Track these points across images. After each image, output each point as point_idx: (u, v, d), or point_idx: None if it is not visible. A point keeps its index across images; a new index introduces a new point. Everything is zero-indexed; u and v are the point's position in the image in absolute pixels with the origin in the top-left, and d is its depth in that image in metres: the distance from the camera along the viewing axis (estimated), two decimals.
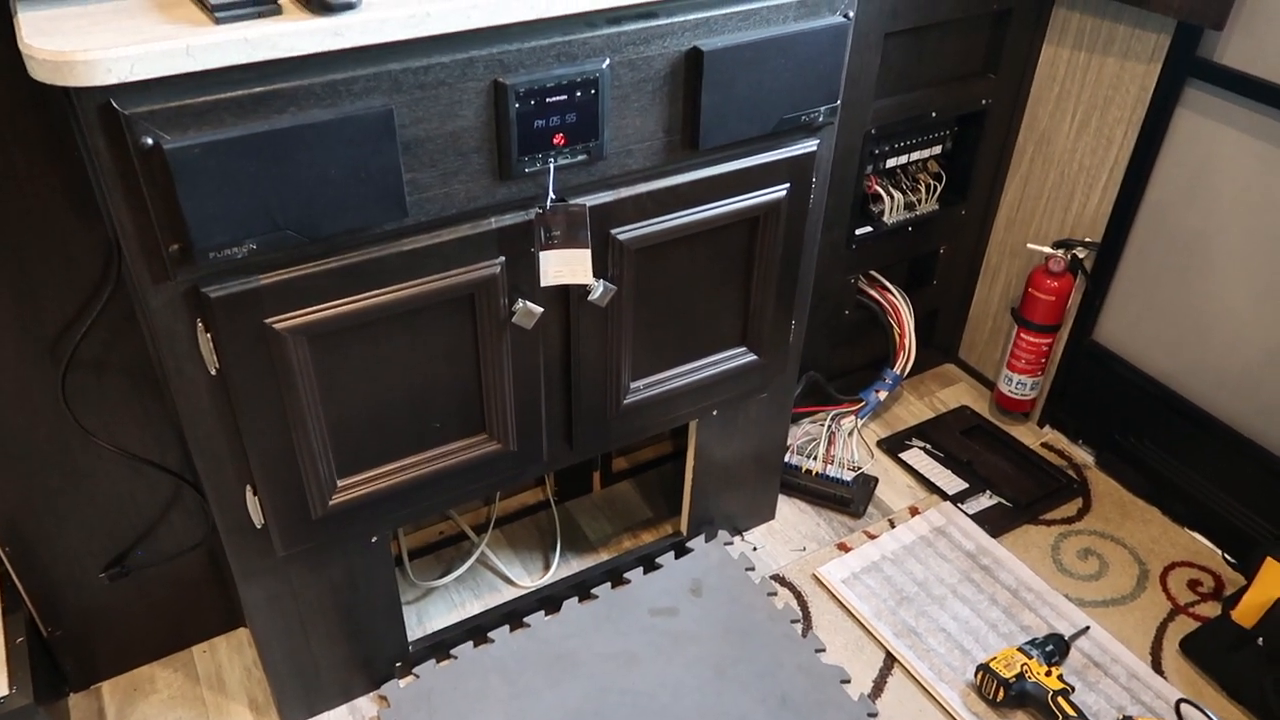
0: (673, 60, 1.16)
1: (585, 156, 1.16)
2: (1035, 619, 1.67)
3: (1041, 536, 1.83)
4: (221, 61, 0.90)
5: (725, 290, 1.42)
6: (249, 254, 1.01)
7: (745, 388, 1.55)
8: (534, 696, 1.51)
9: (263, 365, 1.09)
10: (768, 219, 1.37)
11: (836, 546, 1.80)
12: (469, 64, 1.04)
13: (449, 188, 1.10)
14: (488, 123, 1.09)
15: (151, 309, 1.02)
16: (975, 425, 2.09)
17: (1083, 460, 2.00)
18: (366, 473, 1.26)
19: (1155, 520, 1.87)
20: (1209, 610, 1.69)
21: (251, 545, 1.27)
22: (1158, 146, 1.71)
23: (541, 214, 1.18)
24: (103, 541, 1.42)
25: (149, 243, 0.98)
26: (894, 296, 2.00)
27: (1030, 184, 1.95)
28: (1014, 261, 2.04)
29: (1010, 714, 1.52)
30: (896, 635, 1.63)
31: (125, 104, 0.89)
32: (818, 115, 1.31)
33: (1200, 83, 1.62)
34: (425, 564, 1.76)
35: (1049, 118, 1.87)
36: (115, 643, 1.53)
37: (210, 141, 0.93)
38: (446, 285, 1.16)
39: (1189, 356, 1.78)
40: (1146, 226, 1.78)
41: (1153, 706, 1.53)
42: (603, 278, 1.27)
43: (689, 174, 1.27)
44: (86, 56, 0.85)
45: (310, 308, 1.09)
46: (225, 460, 1.17)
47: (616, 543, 1.81)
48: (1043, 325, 1.94)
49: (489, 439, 1.33)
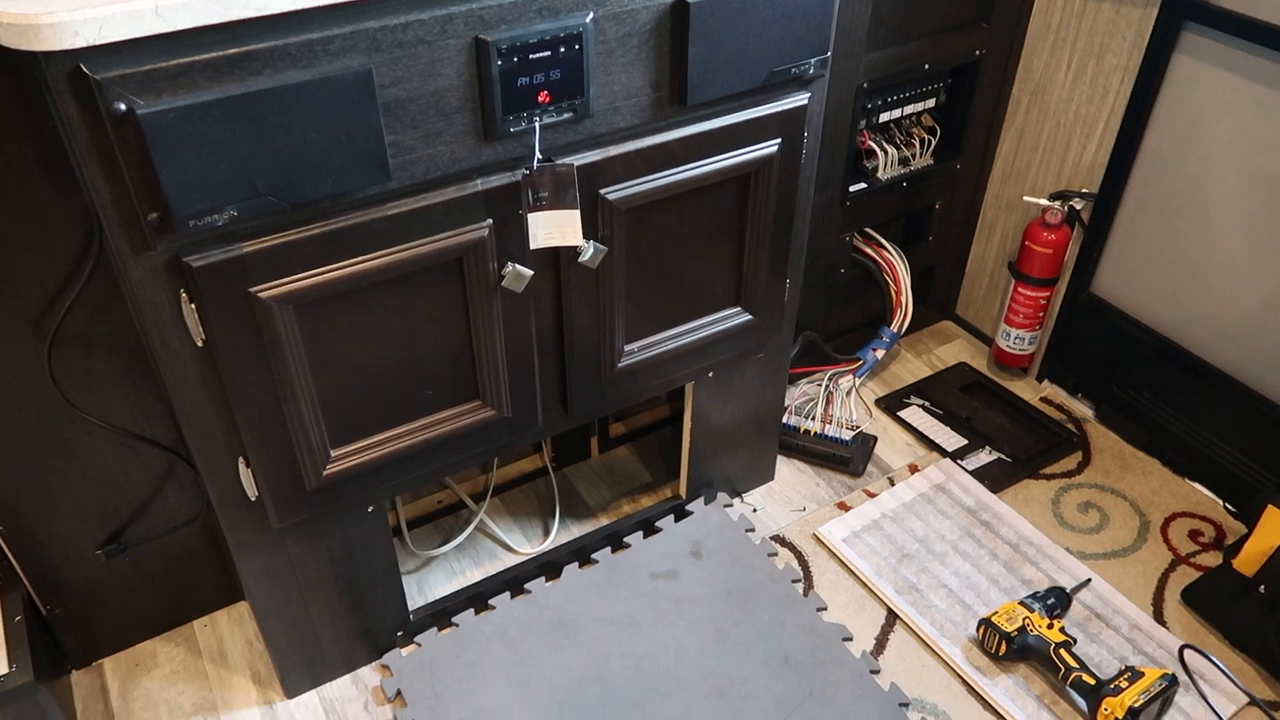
0: (658, 13, 1.14)
1: (571, 115, 1.14)
2: (1036, 573, 1.67)
3: (1041, 491, 1.83)
4: (192, 22, 0.88)
5: (718, 250, 1.41)
6: (230, 221, 0.99)
7: (741, 348, 1.54)
8: (536, 662, 1.51)
9: (250, 335, 1.08)
10: (759, 176, 1.35)
11: (836, 506, 1.80)
12: (448, 20, 1.01)
13: (432, 149, 1.08)
14: (470, 82, 1.06)
15: (133, 280, 1.01)
16: (974, 381, 2.08)
17: (1082, 414, 1.99)
18: (360, 442, 1.25)
19: (1155, 472, 1.86)
20: (1210, 560, 1.69)
21: (247, 518, 1.26)
22: (1155, 94, 1.68)
23: (528, 175, 1.16)
24: (98, 518, 1.41)
25: (127, 212, 0.96)
26: (889, 254, 1.98)
27: (1026, 136, 1.93)
28: (1010, 215, 2.02)
29: (1013, 667, 1.52)
30: (898, 592, 1.63)
31: (96, 69, 0.87)
32: (808, 68, 1.29)
33: (1198, 26, 1.59)
34: (424, 533, 1.75)
35: (1044, 67, 1.84)
36: (115, 619, 1.53)
37: (185, 106, 0.91)
38: (434, 250, 1.14)
39: (1188, 306, 1.76)
40: (1144, 176, 1.75)
41: (1155, 656, 1.53)
42: (593, 239, 1.25)
43: (678, 130, 1.25)
44: (53, 19, 0.83)
45: (296, 275, 1.07)
46: (216, 433, 1.16)
47: (616, 508, 1.81)
48: (1040, 279, 1.92)
49: (483, 405, 1.32)
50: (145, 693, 1.51)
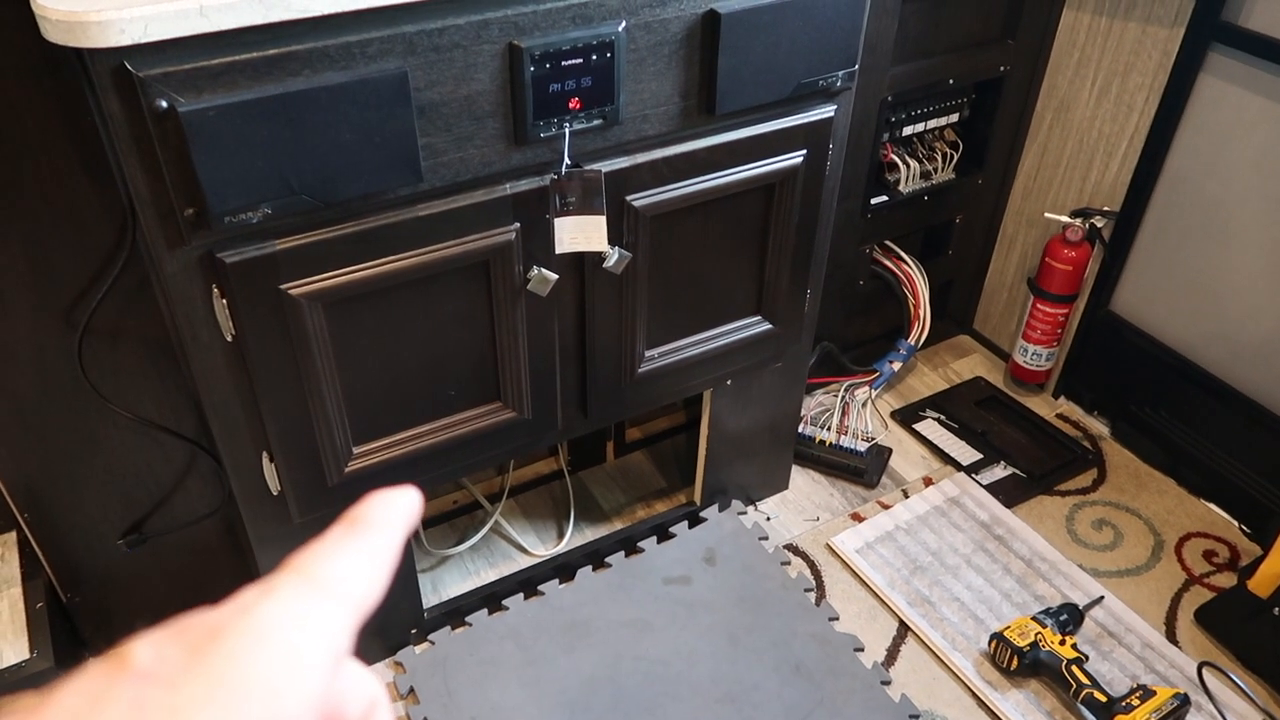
0: (689, 22, 1.15)
1: (601, 121, 1.15)
2: (1049, 589, 1.67)
3: (1056, 507, 1.83)
4: (235, 22, 0.89)
5: (740, 258, 1.41)
6: (264, 218, 1.00)
7: (760, 357, 1.54)
8: (548, 663, 1.52)
9: (278, 331, 1.09)
10: (784, 186, 1.36)
11: (850, 516, 1.80)
12: (484, 26, 1.03)
13: (464, 152, 1.09)
14: (503, 86, 1.08)
15: (167, 275, 1.02)
16: (990, 396, 2.08)
17: (1098, 431, 1.99)
18: (382, 440, 1.26)
19: (1170, 491, 1.86)
20: (1224, 581, 1.69)
21: (268, 512, 1.27)
22: (1179, 113, 1.68)
23: (556, 180, 1.17)
24: (120, 509, 1.43)
25: (164, 207, 0.98)
26: (909, 267, 1.98)
27: (1048, 152, 1.93)
28: (1030, 231, 2.03)
29: (1024, 682, 1.52)
30: (910, 604, 1.63)
31: (139, 66, 0.89)
32: (835, 80, 1.30)
33: (1224, 47, 1.59)
34: (440, 532, 1.77)
35: (1068, 85, 1.85)
36: (133, 609, 1.54)
37: (225, 104, 0.92)
38: (461, 251, 1.15)
39: (1206, 327, 1.76)
40: (1166, 195, 1.76)
41: (1167, 676, 1.53)
42: (618, 245, 1.26)
43: (705, 139, 1.26)
44: (100, 17, 0.84)
45: (326, 273, 1.08)
46: (241, 427, 1.17)
47: (630, 512, 1.82)
48: (1059, 295, 1.93)
49: (504, 407, 1.33)
50: None
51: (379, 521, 0.30)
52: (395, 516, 0.31)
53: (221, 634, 0.25)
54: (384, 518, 0.30)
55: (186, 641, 0.25)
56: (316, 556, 0.29)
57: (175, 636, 0.25)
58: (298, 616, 0.26)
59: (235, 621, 0.26)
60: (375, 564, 0.29)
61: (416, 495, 0.32)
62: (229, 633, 0.25)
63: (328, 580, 0.28)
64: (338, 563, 0.29)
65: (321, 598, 0.27)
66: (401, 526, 0.31)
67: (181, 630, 0.25)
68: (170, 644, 0.25)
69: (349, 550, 0.29)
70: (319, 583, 0.28)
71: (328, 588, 0.28)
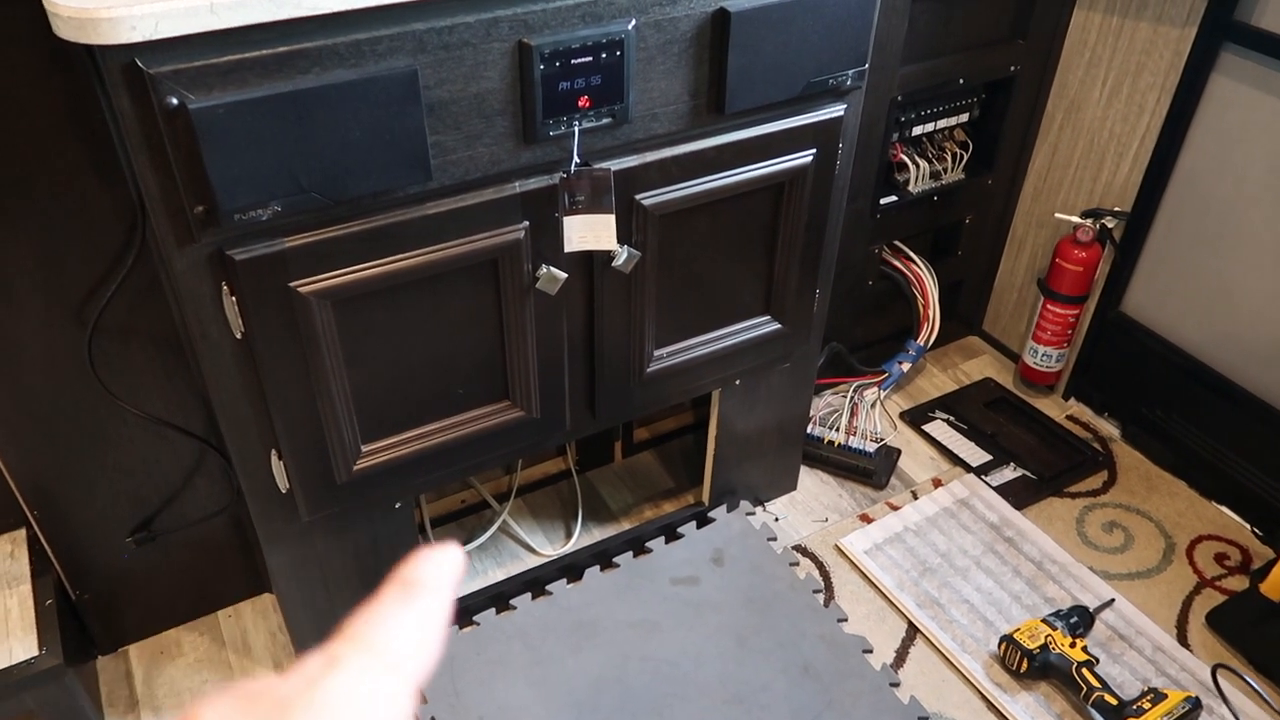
0: (699, 21, 1.15)
1: (610, 120, 1.15)
2: (1059, 591, 1.66)
3: (1066, 509, 1.82)
4: (246, 20, 0.89)
5: (749, 258, 1.41)
6: (273, 216, 1.00)
7: (768, 357, 1.54)
8: (556, 663, 1.51)
9: (287, 329, 1.09)
10: (793, 185, 1.36)
11: (859, 517, 1.79)
12: (493, 24, 1.03)
13: (473, 151, 1.09)
14: (512, 85, 1.08)
15: (176, 272, 1.02)
16: (999, 398, 2.07)
17: (1108, 433, 1.98)
18: (391, 438, 1.26)
19: (1182, 493, 1.85)
20: (1236, 584, 1.67)
21: (276, 510, 1.27)
22: (1191, 114, 1.67)
23: (566, 178, 1.17)
24: (129, 506, 1.43)
25: (173, 205, 0.98)
26: (918, 267, 1.98)
27: (1059, 153, 1.92)
28: (1040, 232, 2.02)
29: (1034, 685, 1.51)
30: (919, 606, 1.63)
31: (150, 63, 0.89)
32: (845, 79, 1.29)
33: (1236, 47, 1.58)
34: (447, 531, 1.77)
35: (1079, 84, 1.84)
36: (142, 607, 1.55)
37: (235, 102, 0.92)
38: (470, 250, 1.15)
39: (1218, 328, 1.75)
40: (1177, 196, 1.75)
41: (1178, 679, 1.52)
42: (627, 244, 1.26)
43: (715, 138, 1.25)
44: (111, 14, 0.84)
45: (335, 271, 1.08)
46: (250, 425, 1.17)
47: (638, 512, 1.81)
48: (1069, 296, 1.92)
49: (512, 406, 1.33)
50: (169, 680, 1.52)
51: (429, 584, 0.31)
52: (444, 577, 0.32)
53: (291, 709, 0.26)
54: (434, 579, 0.31)
55: (256, 714, 0.25)
56: (376, 626, 0.29)
57: (245, 707, 0.26)
58: (365, 694, 0.27)
59: (304, 695, 0.26)
60: (431, 631, 0.31)
61: (461, 554, 0.33)
62: (298, 708, 0.26)
63: (389, 652, 0.29)
64: (396, 634, 0.29)
65: (384, 671, 0.28)
66: (450, 587, 0.32)
67: (251, 700, 0.26)
68: (240, 715, 0.25)
69: (405, 618, 0.30)
70: (381, 655, 0.28)
71: (390, 661, 0.28)
